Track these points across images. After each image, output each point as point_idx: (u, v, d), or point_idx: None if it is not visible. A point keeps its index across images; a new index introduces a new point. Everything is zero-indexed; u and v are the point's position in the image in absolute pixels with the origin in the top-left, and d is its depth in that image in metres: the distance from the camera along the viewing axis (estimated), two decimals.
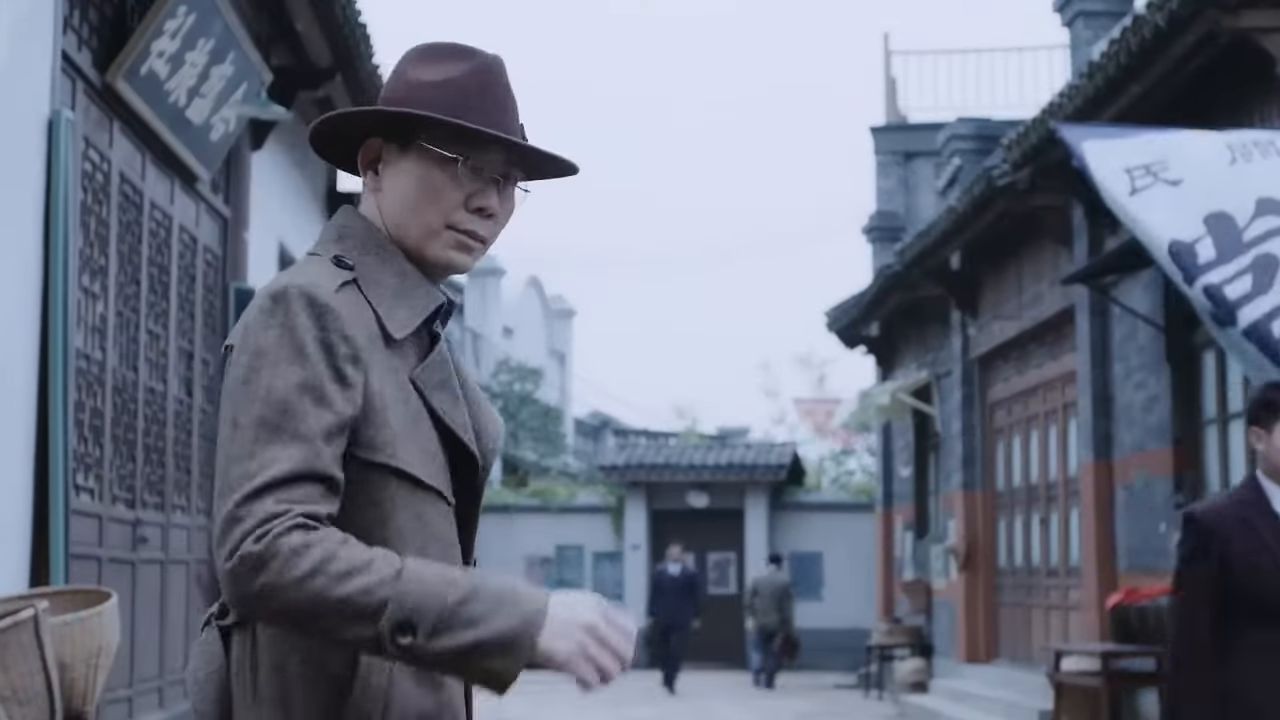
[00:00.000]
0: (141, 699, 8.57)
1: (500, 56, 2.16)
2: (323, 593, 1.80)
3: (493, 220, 2.13)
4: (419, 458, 2.01)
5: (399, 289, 2.06)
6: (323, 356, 1.92)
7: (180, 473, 9.47)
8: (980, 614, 15.87)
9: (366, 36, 10.51)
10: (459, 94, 2.08)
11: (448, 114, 2.06)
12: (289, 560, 1.81)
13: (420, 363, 2.06)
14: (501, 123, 2.09)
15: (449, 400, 2.07)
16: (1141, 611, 10.18)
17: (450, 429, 2.06)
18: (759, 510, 25.86)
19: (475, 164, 2.09)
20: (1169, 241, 6.64)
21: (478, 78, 2.10)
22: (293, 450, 1.87)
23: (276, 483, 1.86)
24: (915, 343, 18.97)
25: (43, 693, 5.28)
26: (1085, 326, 12.22)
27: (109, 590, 6.09)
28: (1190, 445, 10.67)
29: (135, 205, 8.57)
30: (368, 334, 1.99)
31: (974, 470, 16.09)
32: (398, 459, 1.97)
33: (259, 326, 1.94)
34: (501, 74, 2.14)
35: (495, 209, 2.12)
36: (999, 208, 13.01)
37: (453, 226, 2.10)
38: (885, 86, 21.34)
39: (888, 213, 21.41)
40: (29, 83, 6.77)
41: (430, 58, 2.13)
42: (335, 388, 1.91)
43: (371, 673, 1.95)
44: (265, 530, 1.82)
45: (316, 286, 1.96)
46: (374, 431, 1.96)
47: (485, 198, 2.11)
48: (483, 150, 2.09)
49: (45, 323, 6.80)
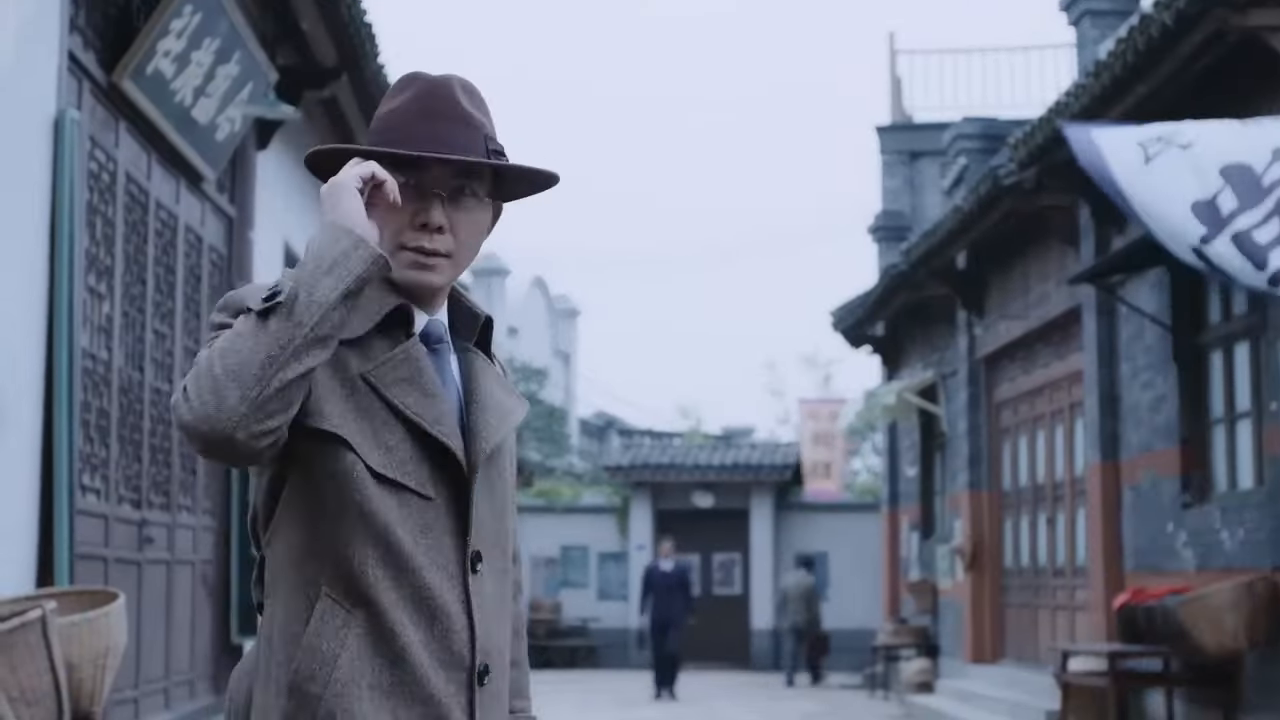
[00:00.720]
0: (147, 700, 8.56)
1: (449, 77, 2.29)
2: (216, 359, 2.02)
3: (444, 234, 2.25)
4: (364, 447, 2.14)
5: (362, 302, 2.17)
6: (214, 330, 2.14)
7: (186, 473, 9.46)
8: (986, 614, 15.85)
9: (372, 36, 10.50)
10: (399, 120, 2.25)
11: (388, 140, 2.23)
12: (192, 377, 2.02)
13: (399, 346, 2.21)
14: (437, 140, 2.22)
15: (414, 395, 2.19)
16: (1149, 611, 10.15)
17: (415, 422, 2.17)
18: (764, 510, 25.85)
19: (415, 182, 2.22)
20: (1190, 204, 6.64)
21: (418, 102, 2.25)
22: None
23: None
24: (921, 342, 18.95)
25: (50, 693, 5.28)
26: (1092, 326, 12.20)
27: (116, 591, 6.09)
28: (1198, 445, 10.65)
29: (141, 205, 8.56)
30: None
31: (980, 470, 16.07)
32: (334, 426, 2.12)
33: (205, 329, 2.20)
34: (444, 93, 2.26)
35: (439, 222, 2.23)
36: (1005, 207, 12.99)
37: (404, 246, 2.24)
38: (890, 86, 21.32)
39: (893, 212, 21.39)
40: (35, 82, 6.76)
41: (390, 92, 2.31)
42: None
43: (321, 638, 2.11)
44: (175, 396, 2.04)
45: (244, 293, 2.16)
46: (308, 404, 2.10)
47: (427, 213, 2.23)
48: (423, 168, 2.22)
49: (51, 322, 6.79)
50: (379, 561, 2.13)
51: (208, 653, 9.88)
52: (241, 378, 1.99)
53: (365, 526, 2.13)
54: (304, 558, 2.14)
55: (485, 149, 2.26)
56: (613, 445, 33.29)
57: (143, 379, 8.54)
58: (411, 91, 2.27)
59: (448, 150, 2.22)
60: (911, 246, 16.19)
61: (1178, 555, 10.61)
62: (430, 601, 2.16)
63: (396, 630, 2.12)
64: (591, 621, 25.82)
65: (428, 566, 2.16)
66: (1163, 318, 10.94)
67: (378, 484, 2.13)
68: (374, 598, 2.11)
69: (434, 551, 2.17)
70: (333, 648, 2.10)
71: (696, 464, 25.87)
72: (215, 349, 2.03)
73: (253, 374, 2.00)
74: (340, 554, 2.12)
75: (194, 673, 9.57)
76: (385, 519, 2.13)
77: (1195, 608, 9.21)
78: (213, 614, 9.97)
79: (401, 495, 2.15)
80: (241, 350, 2.01)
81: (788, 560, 25.85)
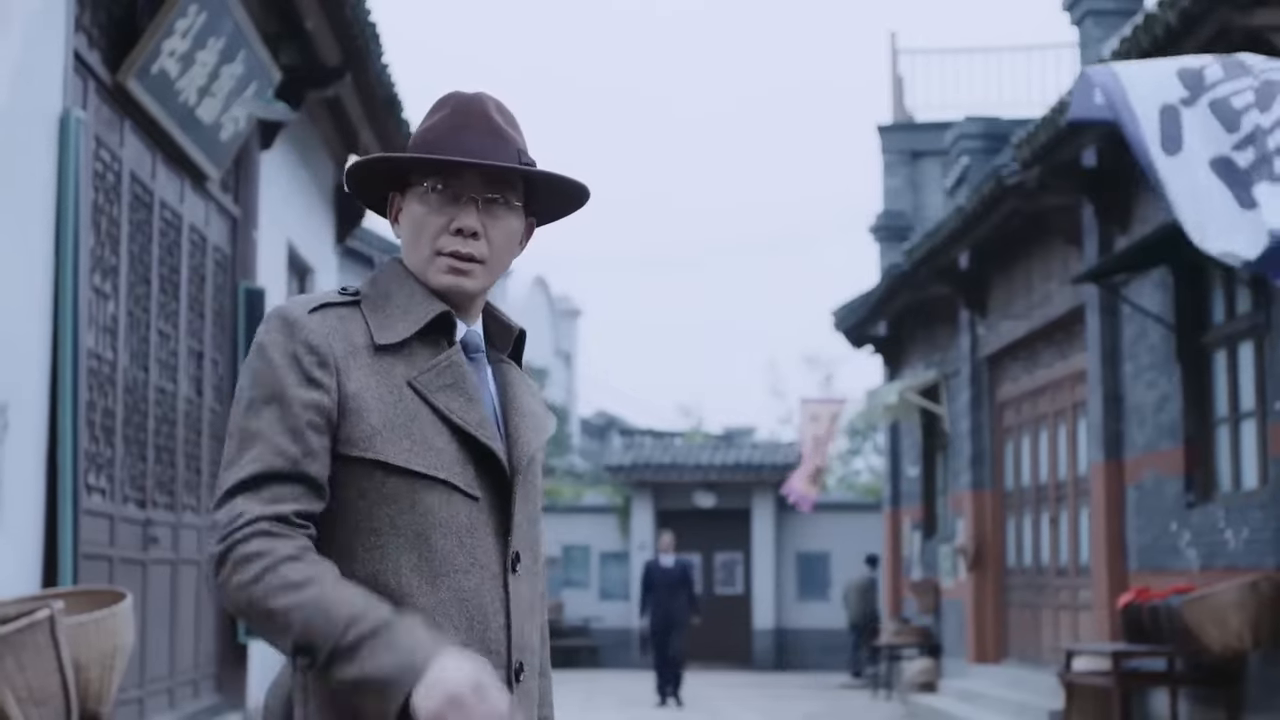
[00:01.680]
0: (152, 700, 8.56)
1: (481, 95, 2.38)
2: (256, 602, 2.07)
3: (479, 240, 2.32)
4: (414, 452, 2.20)
5: (406, 307, 2.29)
6: (289, 365, 2.18)
7: (190, 473, 9.46)
8: (989, 614, 15.85)
9: (376, 36, 10.50)
10: (435, 133, 2.33)
11: (422, 154, 2.31)
12: (237, 566, 2.08)
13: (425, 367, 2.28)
14: (470, 149, 2.30)
15: (459, 401, 2.26)
16: (1153, 611, 10.15)
17: (460, 426, 2.24)
18: (766, 510, 25.86)
19: (450, 189, 2.31)
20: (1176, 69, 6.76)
21: (453, 118, 2.34)
22: (258, 451, 2.15)
23: (243, 485, 2.13)
24: (923, 342, 18.95)
25: (58, 693, 5.28)
26: (1095, 325, 12.20)
27: (123, 590, 6.09)
28: (1201, 444, 10.65)
29: (145, 205, 8.56)
30: (347, 344, 2.23)
31: (983, 470, 16.07)
32: (375, 451, 2.18)
33: (253, 347, 2.24)
34: (476, 109, 2.35)
35: (473, 226, 2.30)
36: (1008, 207, 12.99)
37: (440, 251, 2.31)
38: (892, 85, 21.33)
39: (895, 212, 21.39)
40: (40, 82, 6.76)
41: (429, 110, 2.39)
42: (300, 390, 2.17)
43: None
44: (227, 533, 2.10)
45: (291, 308, 2.25)
46: (351, 429, 2.19)
47: (462, 218, 2.30)
48: (457, 176, 2.30)
49: (56, 322, 6.79)
50: (413, 568, 2.19)
51: (212, 653, 9.88)
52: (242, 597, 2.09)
53: (404, 535, 2.19)
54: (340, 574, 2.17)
55: (517, 160, 2.33)
56: (614, 445, 33.29)
57: (147, 379, 8.53)
58: (447, 109, 2.35)
59: (478, 159, 2.30)
60: (914, 246, 16.19)
61: (1181, 555, 10.60)
62: (468, 602, 2.21)
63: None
64: (593, 621, 25.83)
65: (468, 567, 2.22)
66: (1166, 317, 10.94)
67: (427, 488, 2.20)
68: (409, 605, 2.16)
69: (478, 551, 2.24)
70: None
71: (698, 464, 25.88)
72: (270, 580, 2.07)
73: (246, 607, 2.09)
74: (375, 569, 2.18)
75: (198, 673, 9.57)
76: (427, 522, 2.20)
77: (1200, 607, 9.21)
78: (217, 614, 9.97)
79: (449, 495, 2.22)
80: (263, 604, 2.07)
81: (789, 560, 25.87)
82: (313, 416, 2.16)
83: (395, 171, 2.37)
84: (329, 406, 2.17)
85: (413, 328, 2.26)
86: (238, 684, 10.16)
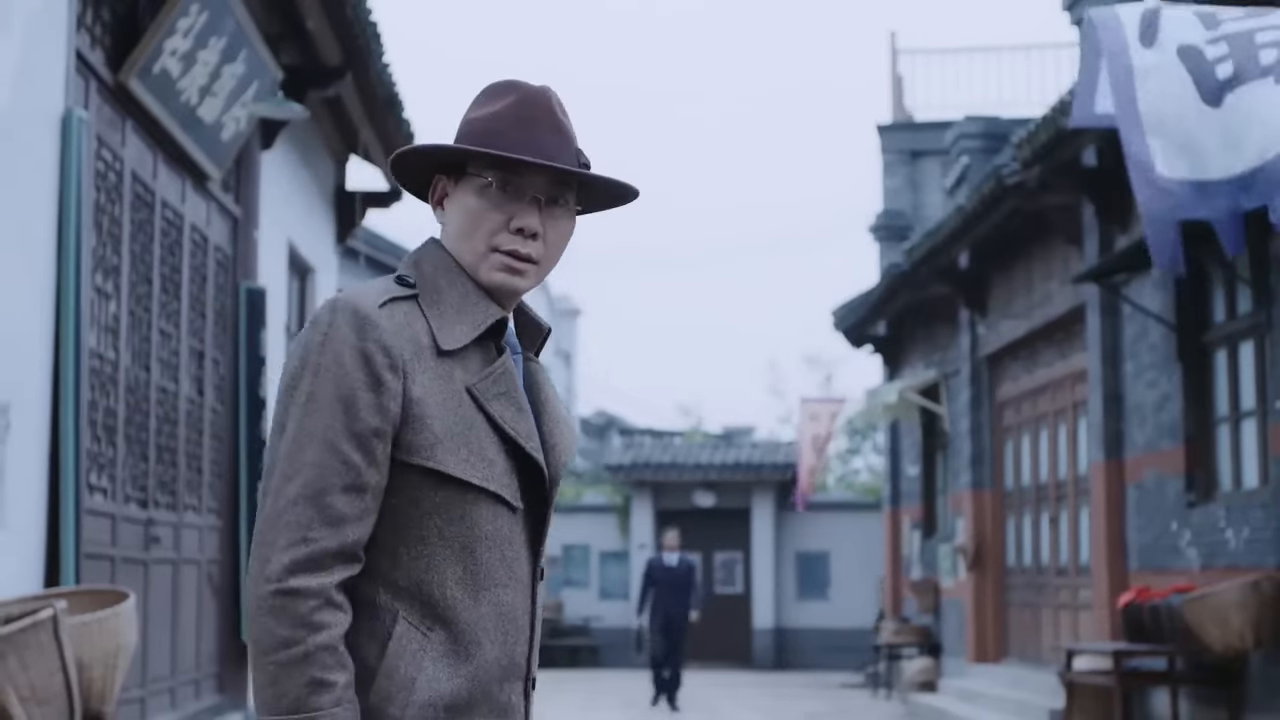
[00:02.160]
0: (154, 699, 8.56)
1: (546, 88, 2.29)
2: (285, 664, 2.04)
3: (537, 240, 2.25)
4: (470, 462, 2.15)
5: (460, 307, 2.21)
6: (359, 364, 2.10)
7: (192, 472, 9.46)
8: (989, 613, 15.85)
9: (377, 35, 10.50)
10: (497, 125, 2.24)
11: (484, 144, 2.22)
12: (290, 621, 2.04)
13: (480, 374, 2.20)
14: (538, 148, 2.22)
15: (510, 410, 2.20)
16: (1154, 610, 10.16)
17: (512, 437, 2.19)
18: (765, 510, 25.85)
19: (514, 187, 2.23)
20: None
21: (515, 109, 2.25)
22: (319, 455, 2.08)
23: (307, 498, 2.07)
24: (923, 341, 18.95)
25: (62, 693, 5.28)
26: (1096, 325, 12.20)
27: (126, 590, 6.09)
28: (1202, 444, 10.65)
29: (147, 204, 8.56)
30: (414, 345, 2.15)
31: (982, 469, 16.08)
32: (435, 460, 2.12)
33: (310, 335, 2.13)
34: (542, 103, 2.27)
35: (535, 228, 2.24)
36: (1008, 206, 12.99)
37: (497, 248, 2.24)
38: (892, 85, 21.33)
39: (894, 212, 21.40)
40: (42, 81, 6.76)
41: (484, 96, 2.30)
42: (369, 395, 2.09)
43: (400, 661, 2.12)
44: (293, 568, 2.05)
45: (361, 300, 2.14)
46: (413, 436, 2.12)
47: (524, 218, 2.23)
48: (520, 174, 2.23)
49: (59, 322, 6.79)
50: (458, 581, 2.16)
51: (214, 652, 9.88)
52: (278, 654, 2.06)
53: (451, 546, 2.15)
54: (382, 584, 2.14)
55: (576, 159, 2.27)
56: (614, 444, 33.27)
57: (149, 378, 8.53)
58: (510, 99, 2.27)
59: (546, 158, 2.22)
60: (914, 246, 16.19)
61: (1182, 554, 10.61)
62: (504, 616, 2.20)
63: (472, 649, 2.16)
64: (593, 621, 25.83)
65: (507, 581, 2.21)
66: (1167, 317, 10.94)
67: (475, 500, 2.17)
68: (452, 618, 2.14)
69: (515, 564, 2.22)
70: (410, 671, 2.12)
71: (698, 463, 25.87)
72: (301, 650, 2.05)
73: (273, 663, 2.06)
74: (420, 578, 2.14)
75: (200, 672, 9.57)
76: (473, 535, 2.17)
77: (1201, 607, 9.22)
78: (219, 613, 9.97)
79: (497, 508, 2.19)
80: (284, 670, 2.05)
81: (789, 559, 25.86)
82: (379, 423, 2.10)
83: (445, 155, 2.28)
84: (395, 412, 2.11)
85: (472, 333, 2.20)
86: (239, 683, 10.17)
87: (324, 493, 2.06)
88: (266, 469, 2.11)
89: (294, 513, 2.05)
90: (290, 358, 2.15)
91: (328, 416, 2.08)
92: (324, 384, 2.09)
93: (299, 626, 2.03)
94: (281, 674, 2.03)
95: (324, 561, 2.05)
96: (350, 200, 13.63)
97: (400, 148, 2.34)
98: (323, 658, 2.03)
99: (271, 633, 2.03)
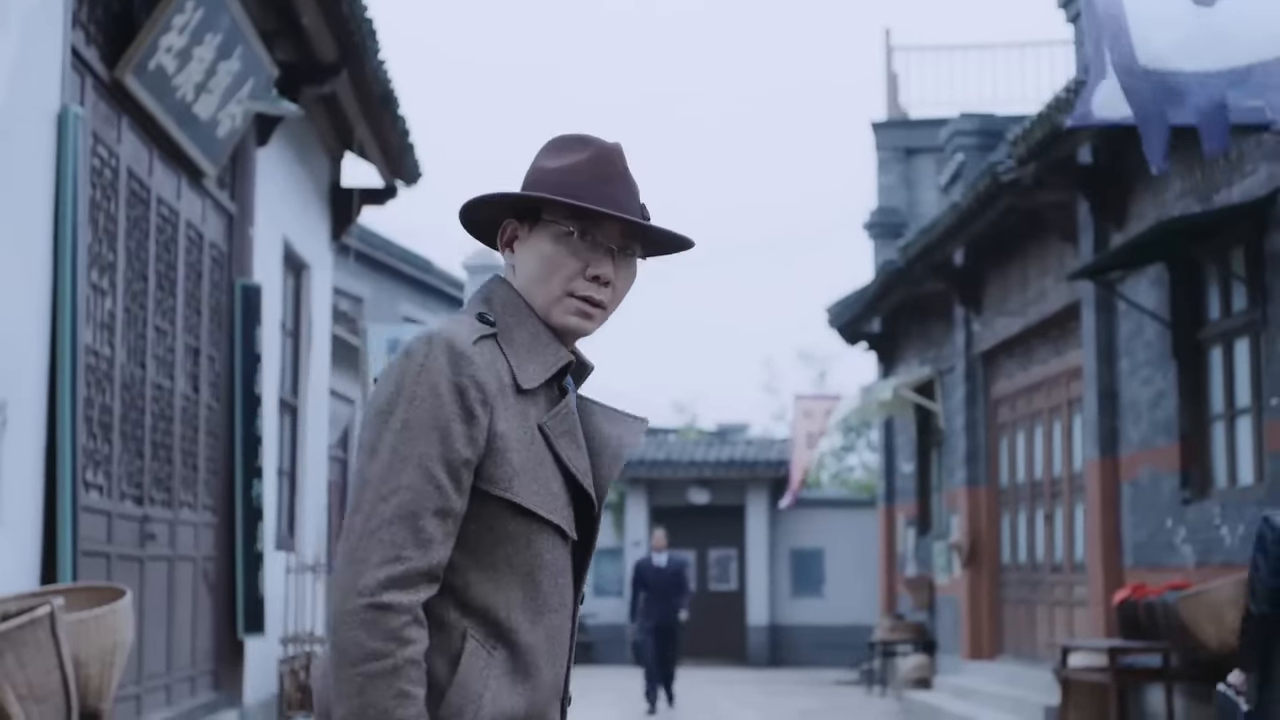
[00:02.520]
0: (150, 696, 8.56)
1: (619, 144, 2.45)
2: (374, 676, 2.14)
3: (610, 288, 2.42)
4: (539, 495, 2.31)
5: (532, 346, 2.37)
6: (454, 397, 2.23)
7: (187, 469, 9.46)
8: (984, 610, 15.87)
9: (373, 32, 10.50)
10: (575, 177, 2.39)
11: (565, 195, 2.37)
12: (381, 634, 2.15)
13: (549, 412, 2.36)
14: (614, 201, 2.38)
15: (572, 448, 2.37)
16: (1149, 607, 10.17)
17: (573, 474, 2.35)
18: (760, 507, 25.87)
19: (591, 236, 2.38)
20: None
21: (593, 164, 2.40)
22: (414, 479, 2.20)
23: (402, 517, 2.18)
24: (918, 338, 18.97)
25: (59, 690, 5.28)
26: (1091, 322, 12.21)
27: (123, 587, 6.09)
28: (1197, 441, 10.66)
29: (143, 201, 8.55)
30: (499, 382, 2.30)
31: (977, 466, 16.09)
32: (513, 493, 2.28)
33: (405, 364, 2.26)
34: (617, 159, 2.43)
35: (610, 277, 2.40)
36: (1003, 204, 13.00)
37: (572, 294, 2.39)
38: (886, 82, 21.35)
39: (889, 209, 21.42)
40: (38, 78, 6.75)
41: (557, 148, 2.45)
42: (461, 427, 2.23)
43: (470, 677, 2.24)
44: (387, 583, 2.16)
45: (456, 336, 2.28)
46: (495, 468, 2.27)
47: (600, 266, 2.39)
48: (597, 225, 2.38)
49: (55, 319, 6.79)
50: (522, 606, 2.30)
51: (209, 649, 9.87)
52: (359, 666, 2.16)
53: (517, 573, 2.30)
54: (453, 603, 2.27)
55: (641, 212, 2.43)
56: None
57: (144, 375, 8.53)
58: (587, 153, 2.41)
59: (620, 210, 2.38)
60: (909, 243, 16.21)
61: (1177, 551, 10.62)
62: (554, 640, 2.36)
63: (531, 670, 2.31)
64: (588, 618, 25.85)
65: (558, 606, 2.36)
66: (1162, 314, 10.95)
67: (540, 530, 2.31)
68: (514, 640, 2.29)
69: (565, 590, 2.38)
70: (478, 687, 2.25)
71: (692, 460, 25.90)
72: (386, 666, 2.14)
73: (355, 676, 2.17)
74: (488, 601, 2.28)
75: (195, 669, 9.57)
76: (536, 563, 2.31)
77: (1196, 603, 9.23)
78: (214, 610, 9.97)
79: (555, 539, 2.34)
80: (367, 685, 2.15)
81: (783, 556, 25.88)
82: (469, 454, 2.23)
83: (526, 202, 2.42)
84: (482, 444, 2.25)
85: (545, 374, 2.36)
86: (235, 680, 10.17)
87: (417, 515, 2.18)
88: (356, 487, 2.23)
89: (389, 532, 2.17)
90: (382, 384, 2.28)
91: (423, 444, 2.20)
92: (420, 412, 2.22)
93: (389, 640, 2.14)
94: (369, 685, 2.14)
95: (414, 580, 2.17)
96: (345, 197, 13.62)
97: (477, 195, 2.46)
98: (409, 672, 2.15)
99: (361, 645, 2.14)
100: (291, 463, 12.45)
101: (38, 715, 5.17)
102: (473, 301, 2.43)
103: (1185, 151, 10.45)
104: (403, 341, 12.65)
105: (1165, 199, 10.84)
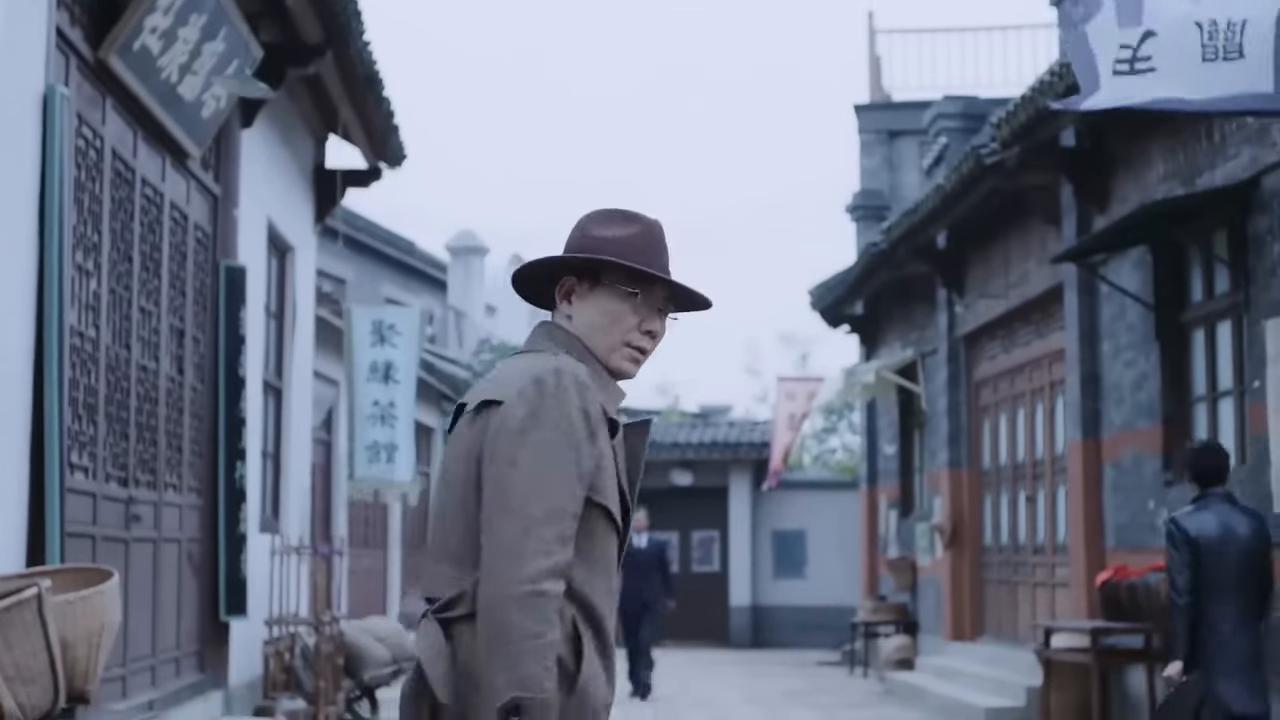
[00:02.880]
0: (135, 678, 8.55)
1: (660, 220, 3.04)
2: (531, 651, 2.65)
3: (653, 339, 3.00)
4: (613, 503, 2.86)
5: (602, 386, 2.92)
6: (582, 421, 2.78)
7: (172, 451, 9.44)
8: (966, 591, 15.93)
9: (358, 13, 10.47)
10: (633, 246, 2.96)
11: (635, 261, 2.94)
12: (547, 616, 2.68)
13: (612, 438, 2.88)
14: (665, 270, 2.99)
15: (624, 462, 2.94)
16: (1131, 588, 10.23)
17: (624, 488, 2.92)
18: (742, 488, 25.92)
19: (645, 296, 2.97)
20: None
21: (645, 236, 3.00)
22: (557, 489, 2.74)
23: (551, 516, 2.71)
24: (900, 321, 19.00)
25: (46, 671, 5.28)
26: (1074, 304, 12.25)
27: (110, 569, 6.09)
28: (1179, 423, 10.71)
29: (127, 182, 8.53)
30: (600, 409, 2.84)
31: (960, 448, 16.14)
32: (605, 500, 2.84)
33: (538, 389, 2.78)
34: (661, 233, 3.03)
35: (660, 331, 3.01)
36: (987, 186, 13.02)
37: (629, 344, 2.98)
38: (869, 65, 21.35)
39: (872, 191, 21.43)
40: (22, 58, 6.72)
41: (608, 220, 3.01)
42: (587, 446, 2.78)
43: (587, 652, 2.80)
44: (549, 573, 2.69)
45: (578, 369, 2.84)
46: (597, 479, 2.82)
47: (653, 323, 3.00)
48: (650, 288, 2.97)
49: (40, 300, 6.77)
50: (600, 592, 2.85)
51: (194, 631, 9.87)
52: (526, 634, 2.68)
53: (598, 564, 2.84)
54: (565, 592, 2.75)
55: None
56: None
57: (129, 357, 8.51)
58: (639, 227, 3.01)
59: (669, 276, 2.99)
60: (892, 225, 16.23)
61: (1159, 533, 10.66)
62: (610, 619, 2.90)
63: (608, 649, 2.88)
64: None
65: (614, 591, 2.92)
66: (1145, 296, 10.99)
67: (610, 531, 2.87)
68: (600, 624, 2.84)
69: (614, 579, 2.93)
70: (592, 665, 2.81)
71: (675, 442, 25.93)
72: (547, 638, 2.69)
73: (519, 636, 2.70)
74: (586, 589, 2.81)
75: (180, 651, 9.57)
76: (608, 557, 2.87)
77: None
78: (199, 592, 9.96)
79: (615, 538, 2.90)
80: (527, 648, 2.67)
81: (765, 537, 25.94)
82: (590, 468, 2.78)
83: (593, 265, 2.95)
84: (595, 461, 2.80)
85: (615, 407, 2.92)
86: (220, 662, 10.17)
87: (561, 518, 2.71)
88: (500, 492, 2.72)
89: (542, 530, 2.68)
90: (516, 405, 2.77)
91: (560, 458, 2.73)
92: (556, 433, 2.74)
93: (543, 622, 2.65)
94: (528, 658, 2.63)
95: (560, 572, 2.70)
96: (329, 179, 13.59)
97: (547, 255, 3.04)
98: (556, 649, 2.68)
99: (520, 625, 2.63)
100: (275, 444, 12.44)
101: (25, 697, 5.17)
102: (541, 340, 2.95)
103: (1168, 134, 10.48)
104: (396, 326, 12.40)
105: (1148, 182, 10.87)
